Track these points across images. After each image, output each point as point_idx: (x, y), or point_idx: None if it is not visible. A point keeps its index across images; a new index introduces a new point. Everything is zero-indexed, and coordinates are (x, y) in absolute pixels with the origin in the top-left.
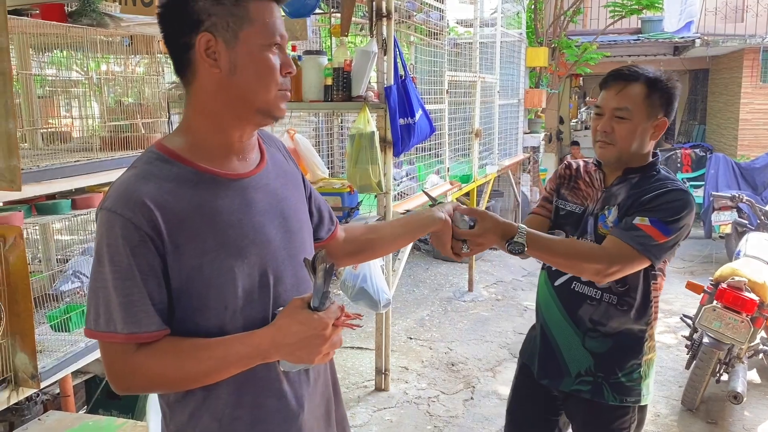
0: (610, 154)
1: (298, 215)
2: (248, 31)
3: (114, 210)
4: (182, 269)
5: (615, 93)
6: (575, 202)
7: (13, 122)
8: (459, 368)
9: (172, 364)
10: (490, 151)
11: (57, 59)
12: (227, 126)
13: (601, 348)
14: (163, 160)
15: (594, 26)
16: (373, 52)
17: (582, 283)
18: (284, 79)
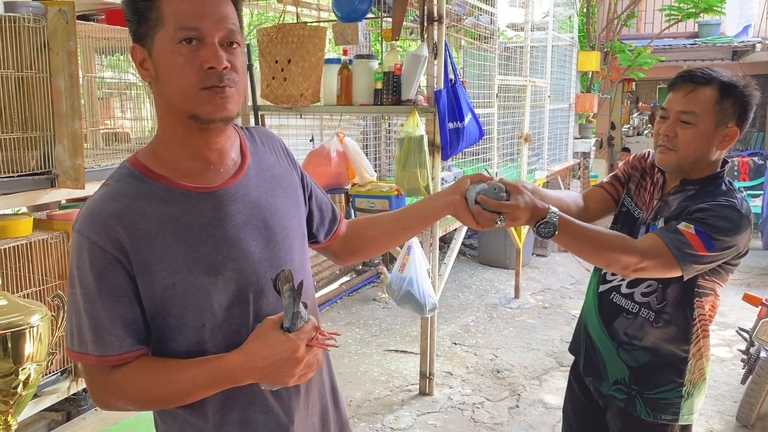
0: (669, 161)
1: (284, 222)
2: (161, 33)
3: (82, 232)
4: (155, 289)
5: (683, 95)
6: (637, 203)
7: (78, 123)
8: (504, 375)
9: (145, 386)
10: (540, 156)
11: (114, 62)
12: (180, 137)
13: (635, 362)
14: (134, 177)
15: (648, 30)
16: (424, 56)
17: (621, 295)
18: (212, 74)
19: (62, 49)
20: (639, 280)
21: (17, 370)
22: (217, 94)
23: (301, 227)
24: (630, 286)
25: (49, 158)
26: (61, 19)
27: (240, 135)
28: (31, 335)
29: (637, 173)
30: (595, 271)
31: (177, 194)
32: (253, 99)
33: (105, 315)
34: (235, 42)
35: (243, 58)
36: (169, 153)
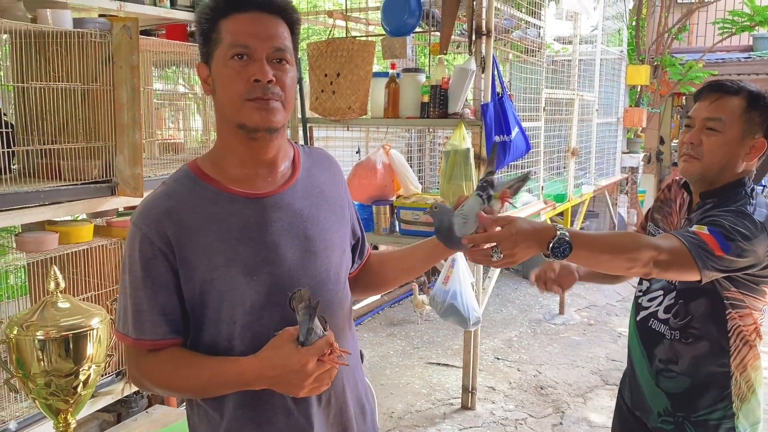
0: (693, 169)
1: (324, 234)
2: (218, 50)
3: (136, 224)
4: (195, 282)
5: (709, 103)
6: (664, 227)
7: (139, 134)
8: (548, 392)
9: (170, 374)
10: (587, 171)
11: (165, 74)
12: (232, 145)
13: (677, 388)
14: (189, 178)
15: (700, 43)
16: (472, 70)
17: (660, 320)
18: (257, 87)
19: (125, 63)
20: (675, 303)
21: (78, 370)
22: (261, 105)
23: (342, 242)
24: (667, 311)
25: (110, 167)
26: (125, 35)
27: (296, 150)
28: (92, 337)
29: (660, 203)
30: (633, 302)
31: (224, 197)
32: (302, 111)
33: (146, 302)
34: (283, 59)
35: (292, 75)
36: (222, 160)
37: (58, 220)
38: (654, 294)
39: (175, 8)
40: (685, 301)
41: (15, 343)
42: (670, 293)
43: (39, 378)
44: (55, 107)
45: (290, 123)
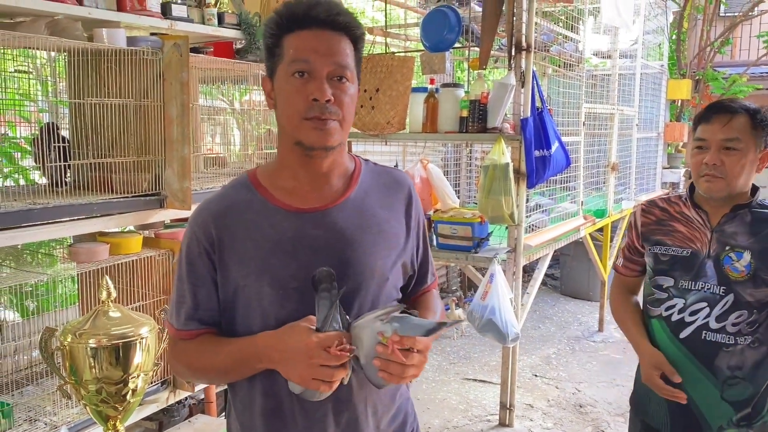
0: (719, 188)
1: (365, 259)
2: (281, 66)
3: (190, 222)
4: (229, 285)
5: (721, 125)
6: (678, 245)
7: (188, 148)
8: (587, 410)
9: (195, 354)
10: (627, 186)
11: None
12: (286, 159)
13: (741, 395)
14: (244, 185)
15: (744, 57)
16: (512, 84)
17: (713, 331)
18: (315, 106)
19: (176, 79)
20: (728, 312)
21: (127, 378)
22: (318, 125)
23: (385, 270)
24: (719, 320)
25: (159, 181)
26: (176, 52)
27: (357, 167)
28: (141, 346)
29: (653, 227)
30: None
31: (270, 207)
32: None
33: (187, 295)
34: (343, 77)
35: (352, 92)
36: (277, 171)
37: (108, 232)
38: (696, 307)
39: (222, 26)
40: (758, 310)
41: (69, 351)
42: (720, 303)
43: (90, 385)
44: (109, 122)
45: None
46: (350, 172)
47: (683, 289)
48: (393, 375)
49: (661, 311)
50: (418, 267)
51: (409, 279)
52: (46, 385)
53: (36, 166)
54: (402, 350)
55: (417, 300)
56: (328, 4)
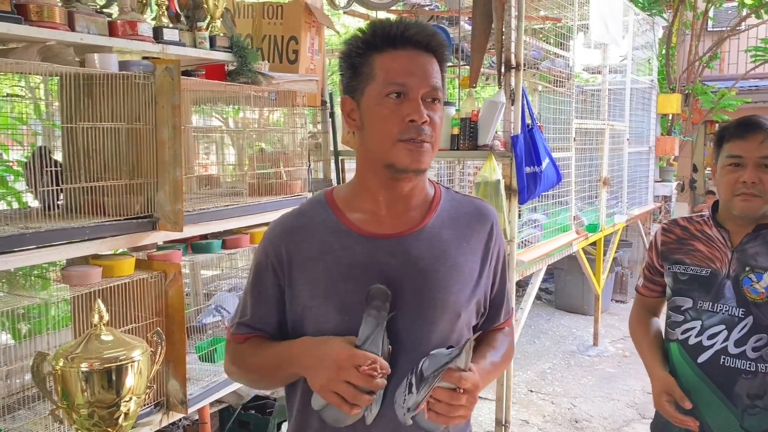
0: (756, 207)
1: (437, 293)
2: (371, 86)
3: (264, 236)
4: (297, 305)
5: (759, 142)
6: (698, 264)
7: (180, 170)
8: (583, 426)
9: (244, 353)
10: (619, 200)
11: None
12: (371, 182)
13: (761, 426)
14: (321, 204)
15: (732, 71)
16: (501, 102)
17: (732, 356)
18: (412, 127)
19: (167, 103)
20: (747, 336)
21: (119, 402)
22: (415, 146)
23: (458, 307)
24: (738, 344)
25: (152, 203)
26: (168, 76)
27: (437, 194)
28: (133, 369)
29: (674, 246)
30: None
31: (343, 229)
32: (334, 144)
33: (249, 307)
34: (436, 99)
35: (441, 114)
36: (354, 193)
37: (101, 254)
38: (714, 330)
39: (214, 49)
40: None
41: (60, 375)
42: (739, 325)
43: (82, 409)
44: (101, 146)
45: (323, 156)
46: (429, 200)
47: (701, 310)
48: (440, 415)
49: (677, 334)
50: (491, 303)
51: (481, 316)
52: (38, 410)
53: (28, 189)
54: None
55: (483, 337)
56: (423, 26)
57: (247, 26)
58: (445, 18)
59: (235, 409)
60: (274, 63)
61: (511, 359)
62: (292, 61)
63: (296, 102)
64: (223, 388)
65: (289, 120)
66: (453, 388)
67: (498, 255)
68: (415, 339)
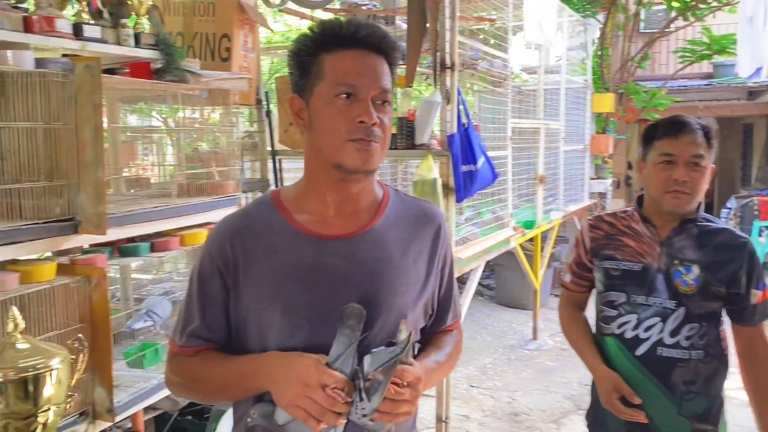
0: (686, 204)
1: (383, 295)
2: (320, 86)
3: (208, 237)
4: (241, 308)
5: (689, 141)
6: (629, 259)
7: (102, 171)
8: (522, 419)
9: (193, 367)
10: (556, 197)
11: (139, 108)
12: (319, 183)
13: (698, 409)
14: (267, 205)
15: (663, 71)
16: (437, 102)
17: (668, 346)
18: (361, 128)
19: (88, 101)
20: (680, 326)
21: (36, 412)
22: (364, 146)
23: (404, 308)
24: (673, 335)
25: (73, 205)
26: (88, 74)
27: (385, 196)
28: (51, 378)
29: (603, 241)
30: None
31: (290, 230)
32: (271, 144)
33: (194, 313)
34: (386, 101)
35: (391, 115)
36: (301, 193)
37: (20, 260)
38: (649, 323)
39: (139, 47)
40: (707, 324)
41: None
42: (672, 317)
43: None
44: (16, 147)
45: (260, 155)
46: (378, 202)
47: (636, 305)
48: (383, 413)
49: (613, 329)
50: (438, 305)
51: (429, 318)
52: None
53: None
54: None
55: (429, 338)
56: (374, 27)
57: (177, 23)
58: (381, 17)
59: (171, 415)
60: (206, 61)
61: (457, 360)
62: (225, 59)
63: (228, 100)
64: (154, 394)
65: (224, 119)
66: (395, 382)
67: (445, 257)
68: (362, 340)
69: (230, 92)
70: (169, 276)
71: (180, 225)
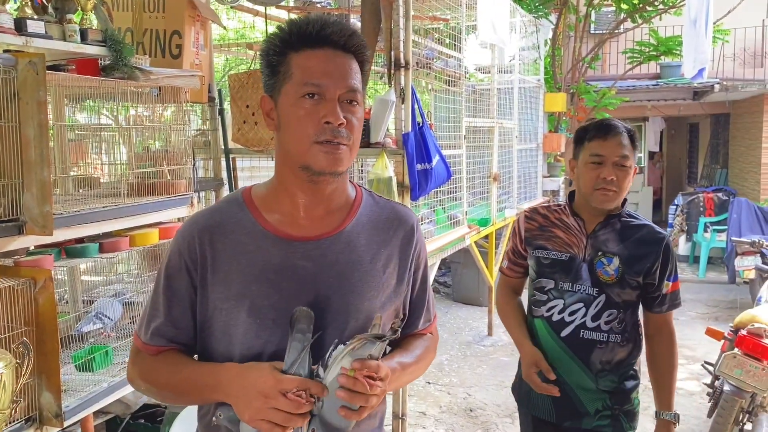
0: (612, 200)
1: (350, 298)
2: (288, 86)
3: (177, 233)
4: (208, 306)
5: (616, 143)
6: (558, 249)
7: (47, 170)
8: (477, 414)
9: (155, 371)
10: (510, 195)
11: (87, 106)
12: (289, 183)
13: (613, 384)
14: (237, 204)
15: (613, 71)
16: (392, 100)
17: (589, 329)
18: (327, 129)
19: (32, 99)
20: (601, 311)
21: None
22: (331, 149)
23: (371, 312)
24: (594, 319)
25: (18, 205)
26: (32, 70)
27: (358, 198)
28: None
29: (536, 232)
30: (536, 316)
31: (259, 230)
32: (224, 142)
33: (160, 310)
34: (354, 100)
35: (360, 115)
36: (272, 193)
37: None
38: (574, 307)
39: (85, 43)
40: (623, 311)
41: None
42: (594, 303)
43: None
44: None
45: (213, 154)
46: (350, 203)
47: (562, 290)
48: (353, 411)
49: (542, 312)
50: (410, 310)
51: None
52: None
53: None
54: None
55: (399, 341)
56: (341, 25)
57: (126, 19)
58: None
59: (123, 419)
60: (157, 58)
61: (427, 364)
62: (176, 56)
63: (180, 98)
64: (104, 398)
65: (176, 117)
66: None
67: (418, 260)
68: (328, 343)
69: (181, 90)
70: (120, 277)
71: (130, 225)
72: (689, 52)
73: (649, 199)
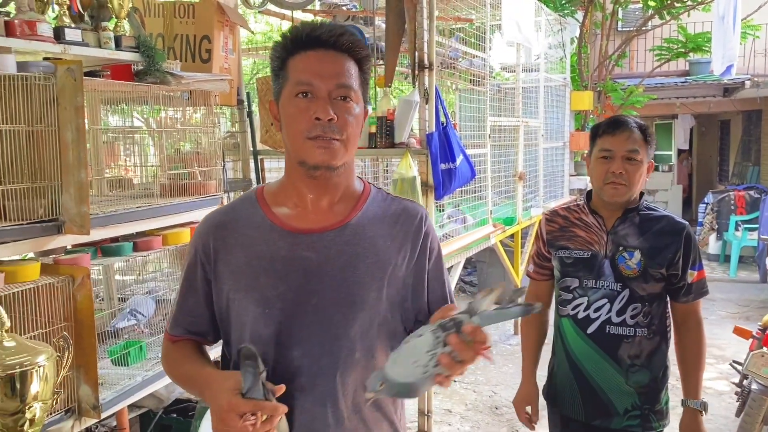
0: (622, 195)
1: (355, 289)
2: (286, 88)
3: (195, 231)
4: (222, 298)
5: (625, 138)
6: (580, 248)
7: (84, 172)
8: (503, 412)
9: (171, 360)
10: (536, 194)
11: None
12: (291, 179)
13: (643, 380)
14: (250, 200)
15: (641, 69)
16: (415, 101)
17: (615, 324)
18: (318, 125)
19: (70, 104)
20: (625, 306)
21: (24, 408)
22: (323, 144)
23: (378, 304)
24: (619, 314)
25: (57, 206)
26: (70, 77)
27: (365, 192)
28: (38, 375)
29: (558, 234)
30: (565, 321)
31: (267, 224)
32: (252, 144)
33: (180, 302)
34: (347, 97)
35: (357, 112)
36: (281, 189)
37: (4, 260)
38: (598, 304)
39: (119, 49)
40: (649, 304)
41: None
42: (618, 298)
43: None
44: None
45: (242, 155)
46: (357, 196)
47: (586, 288)
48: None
49: (568, 311)
50: (429, 301)
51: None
52: None
53: None
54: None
55: None
56: (331, 26)
57: (158, 25)
58: (361, 18)
59: (156, 413)
60: (187, 62)
61: None
62: (206, 61)
63: (210, 101)
64: (138, 392)
65: (206, 119)
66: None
67: (430, 253)
68: (333, 335)
69: (211, 93)
70: (153, 276)
71: (162, 225)
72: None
73: (678, 198)
